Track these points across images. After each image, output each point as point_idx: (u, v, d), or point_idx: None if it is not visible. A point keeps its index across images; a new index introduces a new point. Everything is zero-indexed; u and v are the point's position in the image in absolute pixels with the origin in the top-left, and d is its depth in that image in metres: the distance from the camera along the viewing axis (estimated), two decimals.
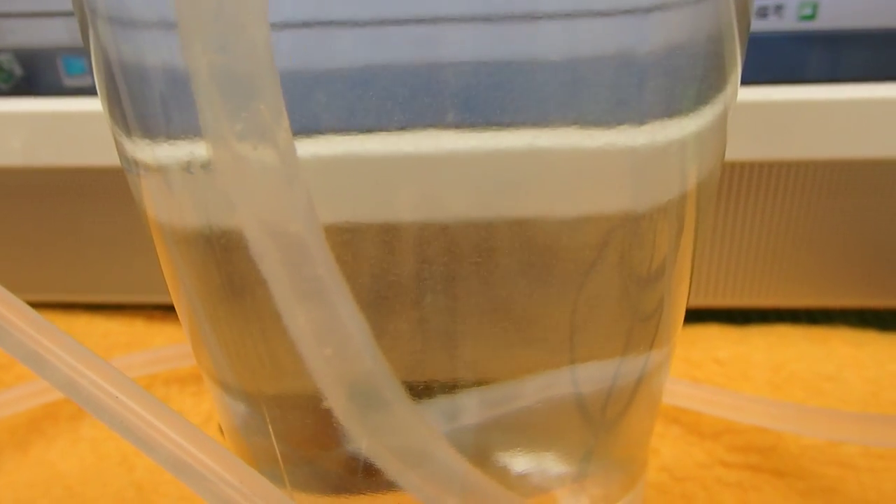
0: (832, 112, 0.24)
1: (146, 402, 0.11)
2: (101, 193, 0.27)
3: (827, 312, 0.29)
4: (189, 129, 0.11)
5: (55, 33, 0.24)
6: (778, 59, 0.23)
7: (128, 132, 0.12)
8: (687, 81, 0.12)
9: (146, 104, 0.12)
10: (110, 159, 0.25)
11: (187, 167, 0.12)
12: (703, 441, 0.24)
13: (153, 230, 0.14)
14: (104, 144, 0.25)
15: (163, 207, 0.13)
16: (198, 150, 0.11)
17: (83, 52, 0.24)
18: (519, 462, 0.14)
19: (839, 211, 0.26)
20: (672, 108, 0.12)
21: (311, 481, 0.14)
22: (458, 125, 0.11)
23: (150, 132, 0.12)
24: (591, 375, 0.14)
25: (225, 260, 0.12)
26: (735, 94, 0.13)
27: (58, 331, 0.11)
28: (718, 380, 0.26)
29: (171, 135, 0.12)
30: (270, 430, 0.14)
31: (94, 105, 0.25)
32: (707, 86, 0.12)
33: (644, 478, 0.17)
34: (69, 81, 0.25)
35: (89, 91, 0.25)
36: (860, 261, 0.27)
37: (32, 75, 0.25)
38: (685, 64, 0.12)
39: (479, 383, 0.13)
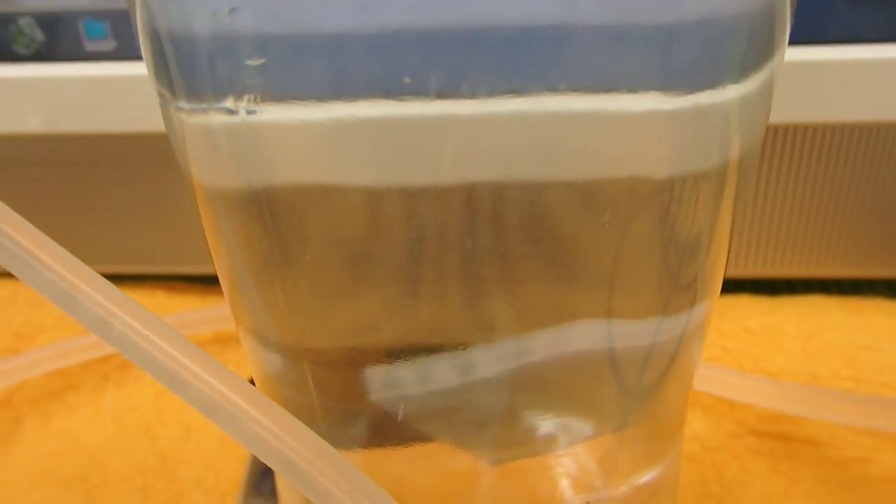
0: (869, 73, 0.23)
1: (178, 342, 0.11)
2: (124, 161, 0.27)
3: (857, 283, 0.29)
4: (235, 86, 0.11)
5: None
6: (814, 19, 0.23)
7: (173, 93, 0.12)
8: (734, 49, 0.12)
9: (193, 64, 0.12)
10: (132, 125, 0.25)
11: (230, 118, 0.12)
12: (734, 410, 0.23)
13: (196, 190, 0.13)
14: (126, 110, 0.25)
15: (207, 165, 0.13)
16: (244, 106, 0.11)
17: (104, 15, 0.24)
18: (552, 424, 0.14)
19: (873, 177, 0.25)
20: (717, 76, 0.12)
21: (353, 435, 0.14)
22: (500, 89, 0.11)
23: (197, 93, 0.12)
24: (628, 340, 0.13)
25: (271, 219, 0.12)
26: (782, 60, 0.13)
27: (89, 270, 0.11)
28: (750, 349, 0.25)
29: (218, 94, 0.12)
30: (311, 383, 0.14)
31: (115, 70, 0.24)
32: (756, 53, 0.12)
33: (679, 448, 0.17)
34: (90, 46, 0.24)
35: (110, 56, 0.24)
36: (894, 230, 0.27)
37: (53, 40, 0.24)
38: (732, 31, 0.11)
39: (515, 337, 0.13)
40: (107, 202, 0.28)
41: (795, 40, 0.23)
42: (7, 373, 0.25)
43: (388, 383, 0.13)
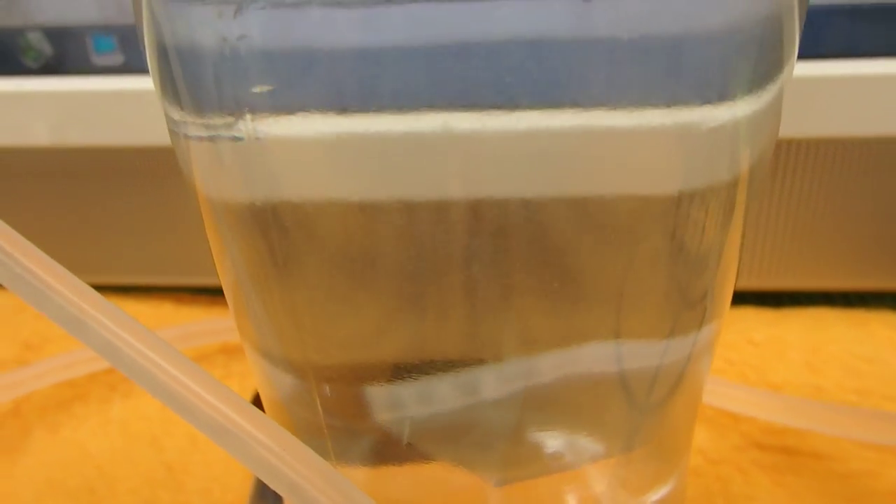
0: (871, 87, 0.23)
1: (187, 367, 0.11)
2: (130, 174, 0.27)
3: (862, 295, 0.29)
4: (241, 103, 0.11)
5: (84, 11, 0.24)
6: (814, 34, 0.23)
7: (179, 106, 0.12)
8: (743, 63, 0.12)
9: (198, 78, 0.12)
10: (140, 139, 0.25)
11: (236, 134, 0.12)
12: (738, 423, 0.23)
13: (201, 202, 0.13)
14: (133, 124, 0.25)
15: (212, 180, 0.13)
16: (249, 124, 0.11)
17: (112, 30, 0.24)
18: (561, 444, 0.14)
19: (877, 190, 0.25)
20: (727, 91, 0.12)
21: (358, 453, 0.14)
22: (511, 104, 0.11)
23: (202, 106, 0.12)
24: (637, 359, 0.13)
25: (276, 233, 0.12)
26: (791, 74, 0.13)
27: (99, 296, 0.11)
28: (753, 361, 0.25)
29: (223, 108, 0.12)
30: (317, 401, 0.14)
31: (123, 84, 0.25)
32: (764, 68, 0.12)
33: (685, 466, 0.17)
34: (98, 60, 0.25)
35: (118, 70, 0.25)
36: None
37: (61, 54, 0.25)
38: (742, 45, 0.11)
39: (521, 357, 0.13)
40: (114, 214, 0.28)
41: (799, 54, 0.23)
42: (15, 384, 0.25)
43: (395, 402, 0.14)
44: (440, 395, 0.13)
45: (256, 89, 0.11)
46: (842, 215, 0.26)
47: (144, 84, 0.24)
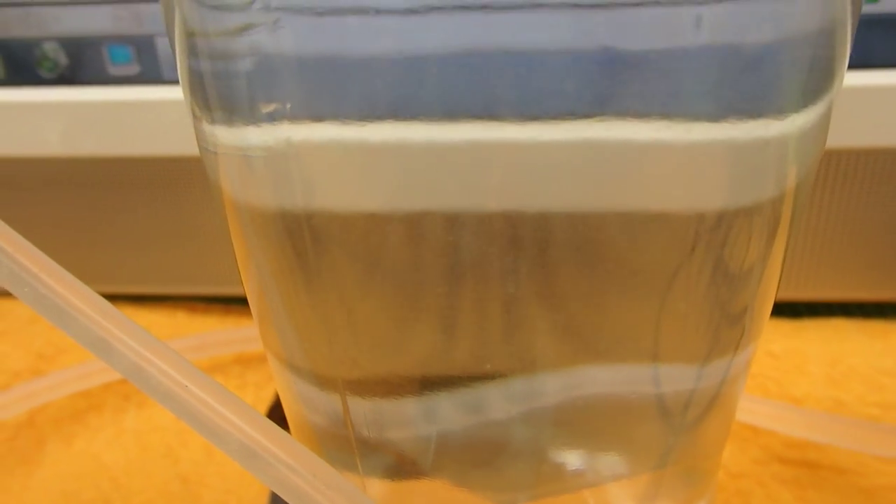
0: (890, 98, 0.23)
1: (214, 390, 0.11)
2: (145, 183, 0.27)
3: (880, 306, 0.28)
4: (274, 111, 0.11)
5: (100, 22, 0.24)
6: None
7: (209, 114, 0.12)
8: (795, 78, 0.11)
9: (231, 87, 0.12)
10: (155, 149, 0.25)
11: (268, 143, 0.12)
12: (759, 437, 0.23)
13: (228, 210, 0.13)
14: (149, 134, 0.25)
15: (241, 188, 0.13)
16: (282, 132, 0.11)
17: (128, 40, 0.24)
18: (588, 463, 0.14)
19: (894, 201, 0.25)
20: (778, 106, 0.11)
21: (382, 468, 0.14)
22: (549, 114, 0.11)
23: (234, 115, 0.12)
24: (673, 376, 0.13)
25: (307, 240, 0.12)
26: (840, 86, 0.13)
27: (125, 317, 0.11)
28: (773, 373, 0.25)
29: (256, 117, 0.12)
30: (343, 413, 0.14)
31: (139, 94, 0.24)
32: (815, 82, 0.12)
33: (714, 487, 0.16)
34: (114, 70, 0.24)
35: (134, 80, 0.25)
36: None
37: (77, 64, 0.24)
38: (794, 61, 0.11)
39: (557, 372, 0.13)
40: (129, 223, 0.28)
41: None
42: (29, 395, 0.25)
43: (420, 417, 0.13)
44: (468, 410, 0.13)
45: (271, 108, 0.11)
46: (859, 226, 0.26)
47: (160, 94, 0.24)
